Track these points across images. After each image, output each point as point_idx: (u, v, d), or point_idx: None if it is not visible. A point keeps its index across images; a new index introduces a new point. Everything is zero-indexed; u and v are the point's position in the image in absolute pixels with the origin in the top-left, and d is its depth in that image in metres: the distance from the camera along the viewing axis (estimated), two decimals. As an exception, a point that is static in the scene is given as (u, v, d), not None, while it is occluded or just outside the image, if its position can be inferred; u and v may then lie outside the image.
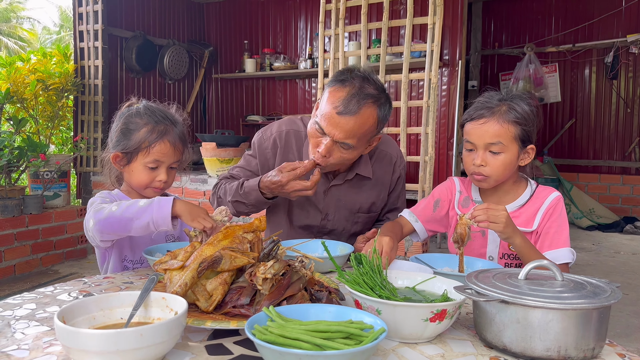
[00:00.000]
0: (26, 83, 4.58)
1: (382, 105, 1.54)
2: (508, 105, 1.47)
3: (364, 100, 1.49)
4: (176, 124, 1.57)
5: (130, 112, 1.54)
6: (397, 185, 1.87)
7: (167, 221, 1.31)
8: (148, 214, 1.31)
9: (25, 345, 0.90)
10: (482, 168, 1.48)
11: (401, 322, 0.92)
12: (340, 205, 1.78)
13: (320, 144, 1.55)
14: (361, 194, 1.79)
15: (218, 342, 0.93)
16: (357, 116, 1.49)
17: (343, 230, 1.83)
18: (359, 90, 1.50)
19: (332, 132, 1.51)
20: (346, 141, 1.52)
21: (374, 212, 1.84)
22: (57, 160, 4.49)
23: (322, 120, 1.53)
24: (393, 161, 1.84)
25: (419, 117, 4.81)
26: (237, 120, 6.35)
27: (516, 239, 1.36)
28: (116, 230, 1.35)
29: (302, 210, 1.80)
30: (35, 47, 18.50)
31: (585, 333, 0.87)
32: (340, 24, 3.91)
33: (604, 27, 6.35)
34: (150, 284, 0.97)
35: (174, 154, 1.54)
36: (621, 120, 6.43)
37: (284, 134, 1.80)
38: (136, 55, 5.45)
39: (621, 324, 3.15)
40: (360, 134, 1.52)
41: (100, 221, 1.34)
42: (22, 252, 4.08)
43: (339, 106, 1.49)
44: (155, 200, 1.33)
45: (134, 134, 1.50)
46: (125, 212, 1.32)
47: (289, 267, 1.04)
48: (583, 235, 5.75)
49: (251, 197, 1.68)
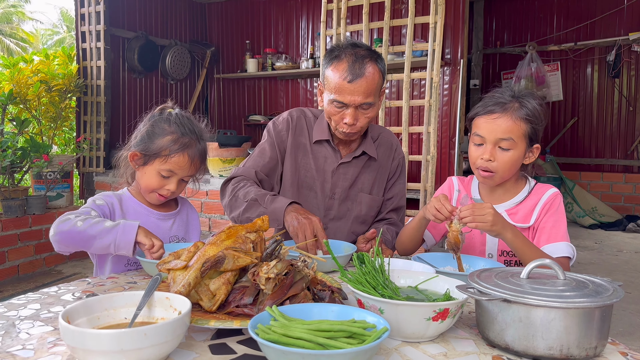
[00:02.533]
0: (29, 84, 4.59)
1: (378, 59, 1.70)
2: (520, 102, 1.47)
3: (364, 61, 1.65)
4: (201, 140, 1.57)
5: (161, 118, 1.55)
6: (396, 174, 1.95)
7: (130, 247, 1.36)
8: (112, 236, 1.35)
9: (30, 345, 0.90)
10: (490, 163, 1.49)
11: (404, 321, 0.92)
12: (345, 185, 1.86)
13: (345, 115, 1.69)
14: (365, 174, 1.88)
15: (221, 341, 0.93)
16: (365, 76, 1.64)
17: (347, 211, 1.87)
18: (355, 56, 1.66)
19: (352, 99, 1.65)
20: (366, 101, 1.66)
21: (375, 195, 1.89)
22: (60, 160, 4.50)
23: (338, 94, 1.66)
24: (393, 148, 1.95)
25: (421, 117, 4.81)
26: (239, 120, 6.36)
27: (507, 234, 1.35)
28: (76, 244, 1.39)
29: (311, 192, 1.87)
30: (37, 48, 18.55)
31: (587, 332, 0.87)
32: (342, 23, 3.91)
33: (606, 26, 6.34)
34: (154, 284, 0.98)
35: (190, 168, 1.54)
36: (623, 119, 6.42)
37: (295, 116, 1.91)
38: (138, 56, 5.46)
39: (624, 323, 3.14)
40: (373, 89, 1.67)
41: (61, 232, 1.37)
42: (25, 253, 4.10)
43: (347, 76, 1.64)
44: (121, 224, 1.37)
45: (158, 138, 1.51)
46: (90, 230, 1.36)
47: (291, 266, 1.04)
48: (585, 234, 5.74)
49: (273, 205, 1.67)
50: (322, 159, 1.86)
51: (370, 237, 1.67)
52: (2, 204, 3.99)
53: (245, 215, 1.71)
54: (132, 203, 1.60)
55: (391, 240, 1.84)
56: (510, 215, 1.54)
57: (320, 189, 1.86)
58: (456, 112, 4.50)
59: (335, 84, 1.66)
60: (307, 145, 1.87)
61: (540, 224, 1.51)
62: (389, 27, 3.72)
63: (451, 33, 4.58)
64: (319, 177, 1.86)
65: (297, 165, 1.87)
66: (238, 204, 1.74)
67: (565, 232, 1.49)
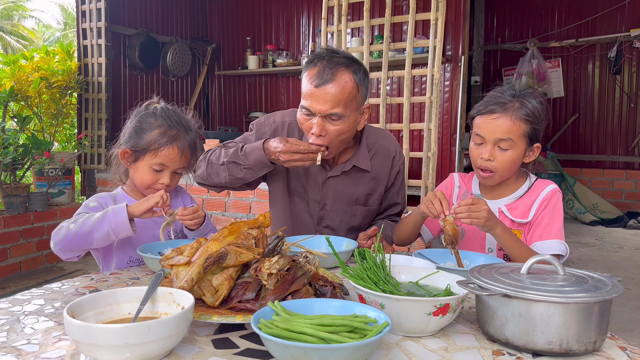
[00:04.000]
0: (30, 81, 4.59)
1: (356, 70, 1.57)
2: (520, 102, 1.48)
3: (335, 67, 1.54)
4: (189, 131, 1.58)
5: (147, 112, 1.56)
6: (396, 180, 1.88)
7: (126, 225, 1.38)
8: (106, 224, 1.38)
9: (35, 340, 0.91)
10: (490, 163, 1.50)
11: (405, 316, 0.93)
12: (337, 197, 1.79)
13: (312, 125, 1.57)
14: (359, 186, 1.80)
15: (224, 336, 0.94)
16: (334, 82, 1.53)
17: (341, 223, 1.83)
18: (328, 61, 1.55)
19: (318, 107, 1.54)
20: (333, 111, 1.54)
21: (371, 206, 1.84)
22: (62, 157, 4.51)
23: (306, 100, 1.57)
24: (392, 155, 1.84)
25: (422, 113, 4.81)
26: (240, 117, 6.36)
27: (497, 229, 1.41)
28: (78, 246, 1.41)
29: (302, 200, 1.81)
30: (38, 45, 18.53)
31: (586, 326, 0.88)
32: (343, 20, 3.90)
33: (607, 22, 6.32)
34: (157, 279, 0.99)
35: (181, 160, 1.56)
36: (624, 115, 6.42)
37: (286, 124, 1.81)
38: (139, 53, 5.45)
39: (624, 319, 3.15)
40: (343, 100, 1.54)
41: (59, 242, 1.40)
42: (27, 249, 4.11)
43: (315, 80, 1.54)
44: (109, 210, 1.40)
45: (145, 133, 1.52)
46: (83, 227, 1.38)
47: (293, 262, 1.05)
48: (586, 231, 5.74)
49: (251, 157, 1.62)
50: (312, 168, 1.77)
51: (371, 234, 1.68)
52: (4, 200, 4.00)
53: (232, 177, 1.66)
54: (126, 201, 1.59)
55: (391, 235, 1.84)
56: (510, 211, 1.55)
57: (311, 199, 1.80)
58: (457, 109, 4.50)
59: (305, 90, 1.57)
60: None
61: (536, 220, 1.52)
62: (390, 23, 3.71)
63: (452, 29, 4.57)
64: (309, 187, 1.79)
65: (288, 172, 1.79)
66: (215, 170, 1.69)
67: (559, 229, 1.49)
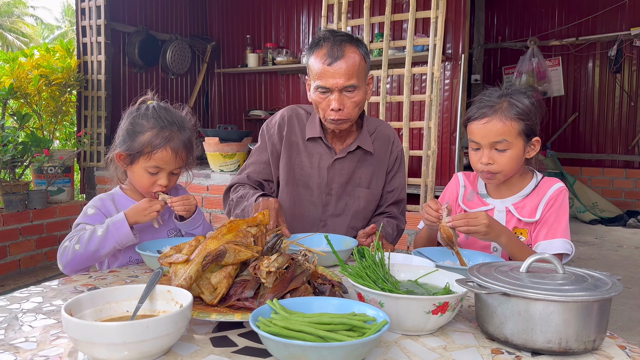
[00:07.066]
0: (29, 78, 4.59)
1: (358, 43, 1.71)
2: (509, 101, 1.47)
3: (342, 44, 1.66)
4: (182, 130, 1.54)
5: (138, 113, 1.52)
6: (395, 167, 1.93)
7: (130, 237, 1.42)
8: (111, 240, 1.41)
9: (33, 338, 0.91)
10: (490, 166, 1.49)
11: (404, 314, 0.93)
12: (342, 180, 1.85)
13: (330, 101, 1.68)
14: (362, 168, 1.87)
15: (223, 334, 0.94)
16: (345, 58, 1.65)
17: (346, 206, 1.86)
18: (334, 40, 1.68)
19: (334, 82, 1.65)
20: (349, 82, 1.66)
21: (373, 190, 1.88)
22: (61, 155, 4.50)
23: (321, 80, 1.67)
24: (391, 140, 1.93)
25: (422, 112, 4.80)
26: (240, 115, 6.35)
27: (502, 239, 1.40)
28: (86, 264, 1.44)
29: (307, 189, 1.87)
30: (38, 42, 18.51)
31: (586, 325, 0.87)
32: (343, 18, 3.90)
33: (607, 21, 6.32)
34: (156, 277, 0.98)
35: (176, 161, 1.52)
36: (625, 114, 6.41)
37: (286, 118, 1.91)
38: (139, 50, 5.44)
39: (623, 318, 3.15)
40: (355, 71, 1.67)
41: (68, 264, 1.42)
42: (26, 247, 4.11)
43: (327, 59, 1.65)
44: (110, 225, 1.42)
45: (138, 136, 1.49)
46: (88, 247, 1.41)
47: (292, 260, 1.05)
48: (586, 229, 5.74)
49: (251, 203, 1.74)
50: (316, 155, 1.85)
51: (370, 232, 1.67)
52: (3, 198, 3.99)
53: (235, 212, 1.80)
54: (125, 201, 1.58)
55: (392, 233, 1.84)
56: (517, 210, 1.54)
57: (316, 186, 1.86)
58: (457, 107, 4.49)
59: (317, 70, 1.67)
60: (299, 144, 1.87)
61: (542, 219, 1.51)
62: (390, 21, 3.71)
63: (452, 28, 4.56)
64: (314, 174, 1.85)
65: (291, 163, 1.87)
66: (232, 206, 1.85)
67: (565, 228, 1.49)
